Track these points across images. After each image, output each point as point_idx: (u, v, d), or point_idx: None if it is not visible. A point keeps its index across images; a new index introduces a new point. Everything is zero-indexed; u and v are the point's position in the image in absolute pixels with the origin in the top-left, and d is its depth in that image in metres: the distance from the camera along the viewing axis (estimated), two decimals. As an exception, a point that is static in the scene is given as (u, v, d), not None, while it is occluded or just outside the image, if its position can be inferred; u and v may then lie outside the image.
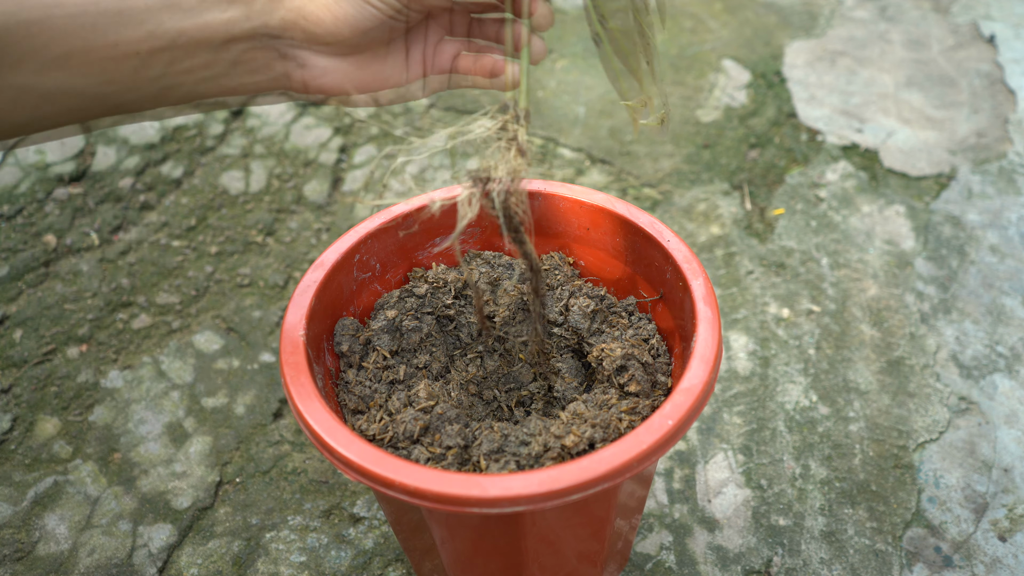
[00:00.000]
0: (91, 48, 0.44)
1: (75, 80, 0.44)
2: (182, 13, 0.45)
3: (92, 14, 0.44)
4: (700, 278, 0.53)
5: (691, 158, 1.08)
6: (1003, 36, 1.28)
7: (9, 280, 0.93)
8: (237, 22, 0.46)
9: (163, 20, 0.45)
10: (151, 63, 0.45)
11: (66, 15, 0.43)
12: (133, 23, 0.44)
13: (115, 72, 0.45)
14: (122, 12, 0.44)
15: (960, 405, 0.79)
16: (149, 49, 0.45)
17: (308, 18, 0.46)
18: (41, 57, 0.43)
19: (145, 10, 0.45)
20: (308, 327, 0.52)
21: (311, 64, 0.48)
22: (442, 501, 0.43)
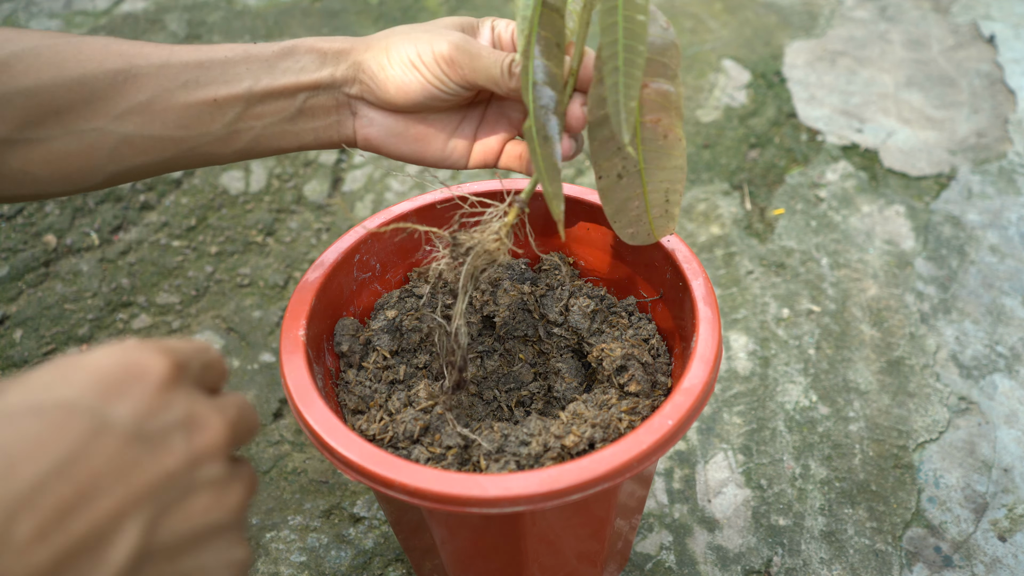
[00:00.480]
0: (171, 96, 0.46)
1: (152, 126, 0.46)
2: (262, 67, 0.49)
3: (175, 66, 0.46)
4: (700, 278, 0.53)
5: (691, 158, 1.08)
6: (1003, 36, 1.28)
7: (9, 280, 0.93)
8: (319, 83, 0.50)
9: (240, 72, 0.48)
10: (226, 110, 0.48)
11: (150, 65, 0.46)
12: (214, 75, 0.47)
13: (190, 118, 0.47)
14: (202, 64, 0.47)
15: (960, 405, 0.79)
16: (226, 96, 0.48)
17: (377, 86, 0.50)
18: (122, 105, 0.45)
19: (224, 62, 0.48)
20: (308, 327, 0.52)
21: (365, 115, 0.51)
22: (442, 501, 0.43)
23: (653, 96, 0.45)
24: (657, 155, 0.47)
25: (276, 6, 1.39)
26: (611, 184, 0.48)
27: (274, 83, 0.49)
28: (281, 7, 1.38)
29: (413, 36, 0.48)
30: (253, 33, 1.32)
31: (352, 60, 0.50)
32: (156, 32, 1.32)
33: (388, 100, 0.50)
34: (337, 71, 0.50)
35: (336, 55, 0.50)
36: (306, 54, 0.49)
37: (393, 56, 0.48)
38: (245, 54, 0.48)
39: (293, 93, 0.49)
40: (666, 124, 0.46)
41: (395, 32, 0.50)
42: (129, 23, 1.35)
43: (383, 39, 0.50)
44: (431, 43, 0.48)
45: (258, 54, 0.48)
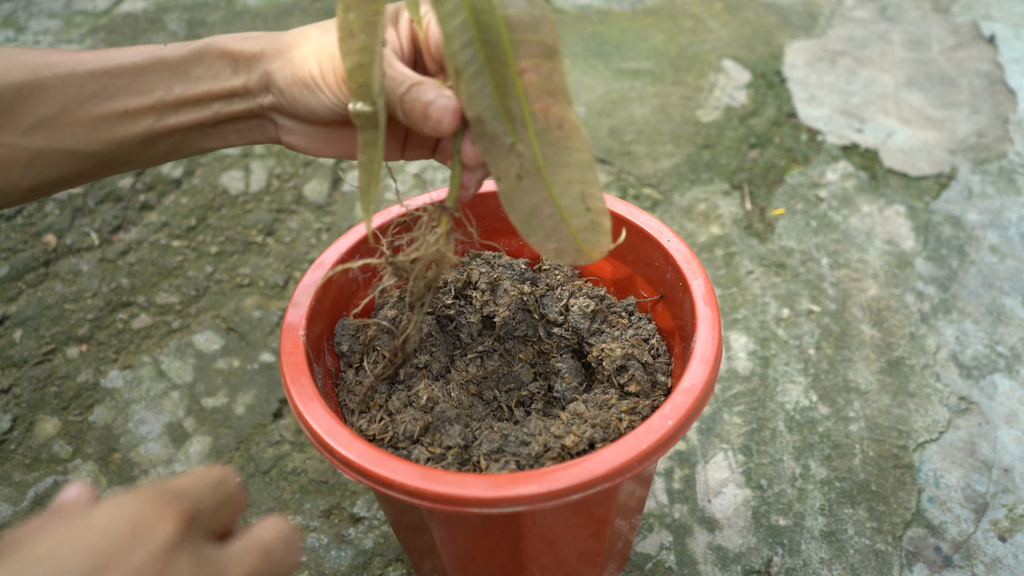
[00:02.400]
0: (80, 108, 0.44)
1: (65, 139, 0.45)
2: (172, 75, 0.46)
3: (81, 76, 0.44)
4: (700, 278, 0.53)
5: (691, 158, 1.08)
6: (1003, 36, 1.28)
7: (9, 280, 0.93)
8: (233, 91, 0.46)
9: (150, 81, 0.45)
10: (138, 121, 0.46)
11: (56, 76, 0.44)
12: (122, 84, 0.45)
13: (101, 130, 0.45)
14: (109, 73, 0.45)
15: (960, 405, 0.79)
16: (137, 108, 0.45)
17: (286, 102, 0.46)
18: (30, 117, 0.43)
19: (133, 70, 0.45)
20: (308, 327, 0.52)
21: (283, 123, 0.48)
22: (442, 501, 0.43)
23: (535, 80, 0.39)
24: (556, 149, 0.41)
25: (276, 6, 1.38)
26: (511, 187, 0.42)
27: (186, 92, 0.46)
28: (281, 7, 1.38)
29: (319, 47, 0.44)
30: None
31: (263, 70, 0.46)
32: (156, 32, 1.32)
33: (299, 116, 0.46)
34: (250, 80, 0.46)
35: (248, 61, 0.46)
36: (218, 59, 0.46)
37: (296, 72, 0.44)
38: (154, 59, 0.45)
39: (207, 102, 0.46)
40: (557, 111, 0.40)
41: (304, 35, 0.45)
42: (129, 23, 1.35)
43: (292, 45, 0.45)
44: (333, 61, 0.43)
45: (169, 59, 0.45)
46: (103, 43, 1.30)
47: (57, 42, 1.30)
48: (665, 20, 1.35)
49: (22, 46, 0.45)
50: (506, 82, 0.39)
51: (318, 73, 0.43)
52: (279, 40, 0.46)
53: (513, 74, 0.39)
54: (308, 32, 0.45)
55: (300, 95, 0.44)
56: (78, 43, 1.30)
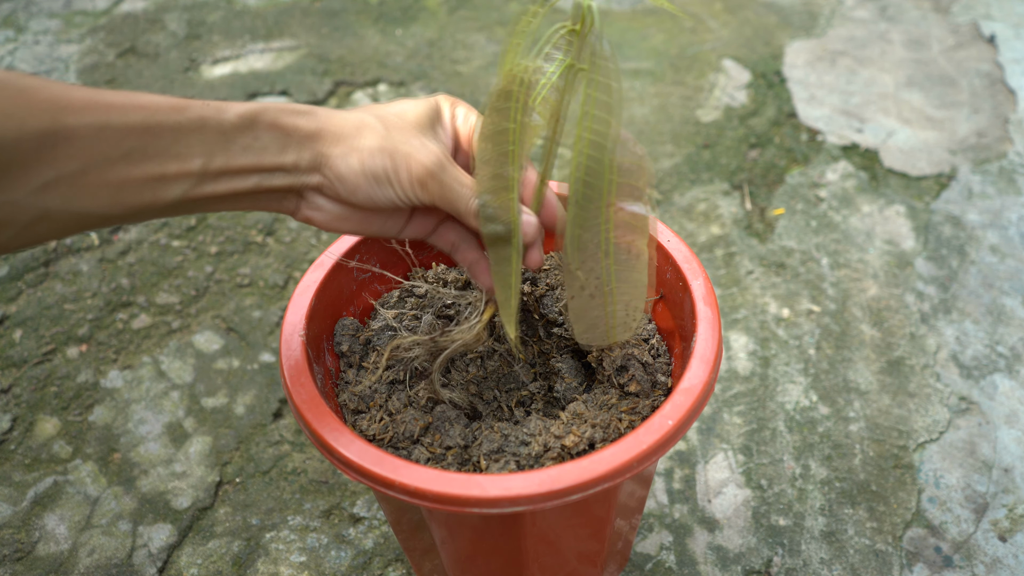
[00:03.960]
0: (109, 169, 0.38)
1: (82, 201, 0.38)
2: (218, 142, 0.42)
3: (116, 130, 0.37)
4: (700, 278, 0.53)
5: (691, 158, 1.08)
6: (1003, 36, 1.28)
7: (9, 280, 0.93)
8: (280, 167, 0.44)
9: (192, 145, 0.40)
10: (172, 187, 0.40)
11: (85, 127, 0.36)
12: (162, 146, 0.39)
13: (128, 194, 0.39)
14: (150, 130, 0.38)
15: (960, 405, 0.79)
16: (176, 174, 0.40)
17: (343, 188, 0.45)
18: (47, 175, 0.36)
19: (176, 131, 0.39)
20: (308, 327, 0.52)
21: (314, 201, 0.47)
22: (442, 501, 0.43)
23: (625, 218, 0.46)
24: (623, 269, 0.47)
25: (276, 6, 1.39)
26: (582, 302, 0.48)
27: (230, 163, 0.42)
28: (281, 7, 1.38)
29: (390, 144, 0.44)
30: (253, 33, 1.32)
31: (318, 151, 0.44)
32: (156, 32, 1.32)
33: (353, 202, 0.46)
34: (301, 159, 0.44)
35: (301, 140, 0.44)
36: (268, 131, 0.43)
37: (367, 165, 0.44)
38: (200, 122, 0.40)
39: (249, 173, 0.43)
40: (636, 244, 0.47)
41: (368, 127, 0.45)
42: (129, 23, 1.35)
43: (355, 134, 0.44)
44: (407, 161, 0.44)
45: (216, 124, 0.41)
46: (103, 43, 1.30)
47: (57, 42, 1.30)
48: (665, 20, 1.35)
49: (37, 76, 0.37)
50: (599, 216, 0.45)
51: (392, 170, 0.44)
52: (337, 124, 0.45)
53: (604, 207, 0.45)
54: (368, 123, 0.45)
55: (366, 186, 0.45)
56: (78, 43, 1.30)
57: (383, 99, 1.19)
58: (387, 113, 0.46)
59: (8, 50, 1.29)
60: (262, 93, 1.19)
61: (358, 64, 1.25)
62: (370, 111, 0.46)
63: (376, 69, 1.24)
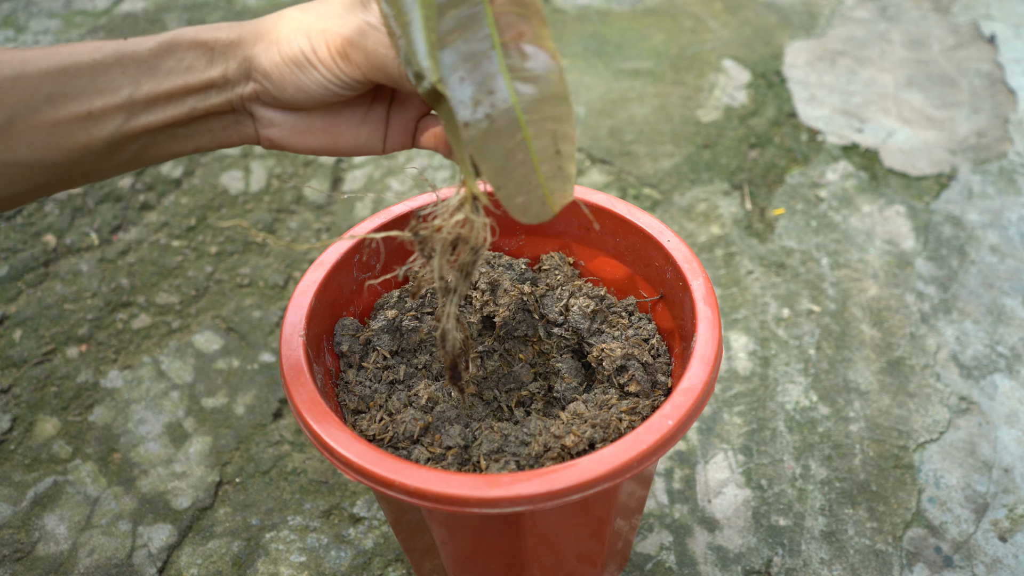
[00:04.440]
0: (35, 113, 0.39)
1: (17, 151, 0.40)
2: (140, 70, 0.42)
3: (32, 76, 0.39)
4: (700, 278, 0.53)
5: (691, 158, 1.08)
6: (1003, 36, 1.28)
7: (9, 280, 0.93)
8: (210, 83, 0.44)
9: (115, 78, 0.41)
10: (104, 123, 0.41)
11: (2, 79, 0.38)
12: (83, 84, 0.40)
13: (61, 137, 0.40)
14: (66, 71, 0.40)
15: (960, 405, 0.79)
16: (103, 108, 0.41)
17: (273, 86, 0.44)
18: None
19: (94, 67, 0.40)
20: (308, 327, 0.52)
21: (263, 116, 0.46)
22: (442, 501, 0.43)
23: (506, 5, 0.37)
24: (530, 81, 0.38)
25: (276, 5, 1.39)
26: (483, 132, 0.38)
27: (158, 88, 0.42)
28: (281, 6, 1.38)
29: (305, 24, 0.42)
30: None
31: (242, 55, 0.43)
32: (156, 31, 1.32)
33: (286, 100, 0.44)
34: (228, 68, 0.43)
35: (225, 49, 0.43)
36: (190, 50, 0.42)
37: (285, 51, 0.42)
38: (117, 54, 0.41)
39: (181, 96, 0.43)
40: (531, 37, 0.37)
41: (286, 17, 0.43)
42: (129, 23, 1.35)
43: (273, 27, 0.43)
44: (324, 36, 0.42)
45: (133, 53, 0.41)
46: (103, 43, 1.30)
47: (57, 41, 1.30)
48: (665, 20, 1.35)
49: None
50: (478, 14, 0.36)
51: (309, 49, 0.42)
52: (257, 25, 0.44)
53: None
54: (287, 14, 0.43)
55: (290, 75, 0.43)
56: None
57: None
58: (312, 1, 0.44)
59: (8, 50, 1.29)
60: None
61: (358, 64, 1.25)
62: (300, 5, 0.44)
63: (376, 69, 1.24)
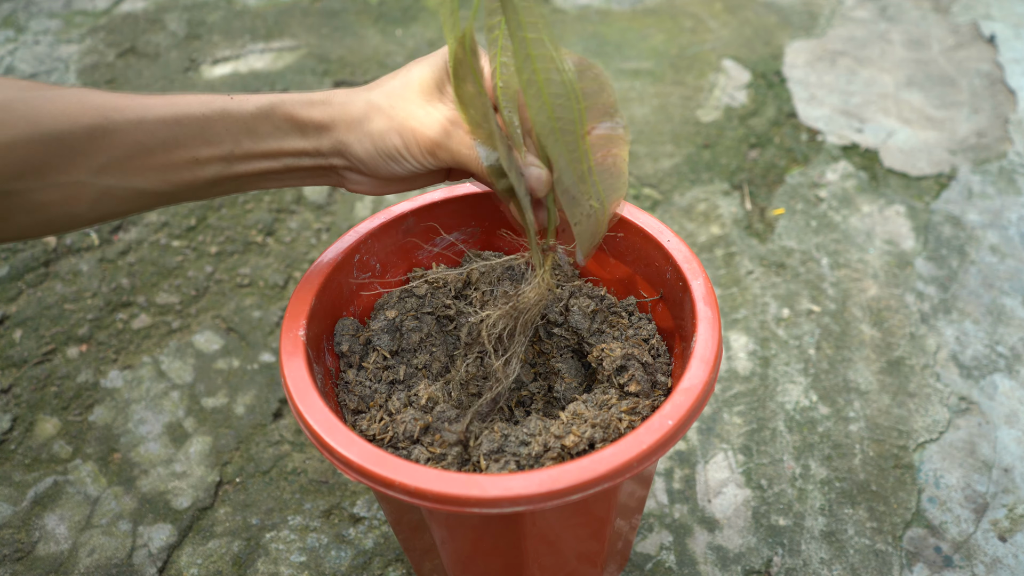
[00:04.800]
0: (150, 154, 0.46)
1: (134, 180, 0.46)
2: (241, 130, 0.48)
3: (151, 122, 0.45)
4: (700, 278, 0.53)
5: (691, 158, 1.08)
6: (1003, 36, 1.28)
7: (9, 280, 0.93)
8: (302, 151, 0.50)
9: (219, 132, 0.47)
10: (208, 167, 0.48)
11: (126, 121, 0.45)
12: (192, 133, 0.47)
13: (171, 173, 0.47)
14: (180, 122, 0.46)
15: (960, 405, 0.79)
16: (207, 157, 0.47)
17: (365, 167, 0.51)
18: (101, 159, 0.45)
19: (202, 120, 0.47)
20: (308, 327, 0.52)
21: (351, 177, 0.52)
22: (442, 501, 0.43)
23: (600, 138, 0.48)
24: (608, 179, 0.49)
25: (276, 6, 1.39)
26: (586, 226, 0.50)
27: (255, 147, 0.49)
28: (281, 7, 1.38)
29: (396, 123, 0.49)
30: (253, 33, 1.32)
31: (335, 139, 0.50)
32: (156, 32, 1.32)
33: (377, 176, 0.51)
34: (321, 145, 0.50)
35: (317, 129, 0.50)
36: (284, 121, 0.49)
37: (379, 146, 0.49)
38: (223, 112, 0.47)
39: (276, 156, 0.49)
40: (615, 153, 0.48)
41: (374, 108, 0.49)
42: (129, 23, 1.35)
43: (364, 119, 0.49)
44: (414, 136, 0.48)
45: (236, 113, 0.48)
46: (103, 43, 1.30)
47: (57, 42, 1.30)
48: (665, 20, 1.35)
49: (92, 88, 0.46)
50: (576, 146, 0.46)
51: (402, 147, 0.49)
52: (346, 111, 0.49)
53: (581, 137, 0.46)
54: (377, 103, 0.49)
55: (383, 164, 0.50)
56: (78, 43, 1.30)
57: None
58: (394, 87, 0.50)
59: (8, 50, 1.29)
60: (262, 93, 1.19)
61: (358, 64, 1.25)
62: (380, 86, 0.50)
63: (376, 69, 1.24)
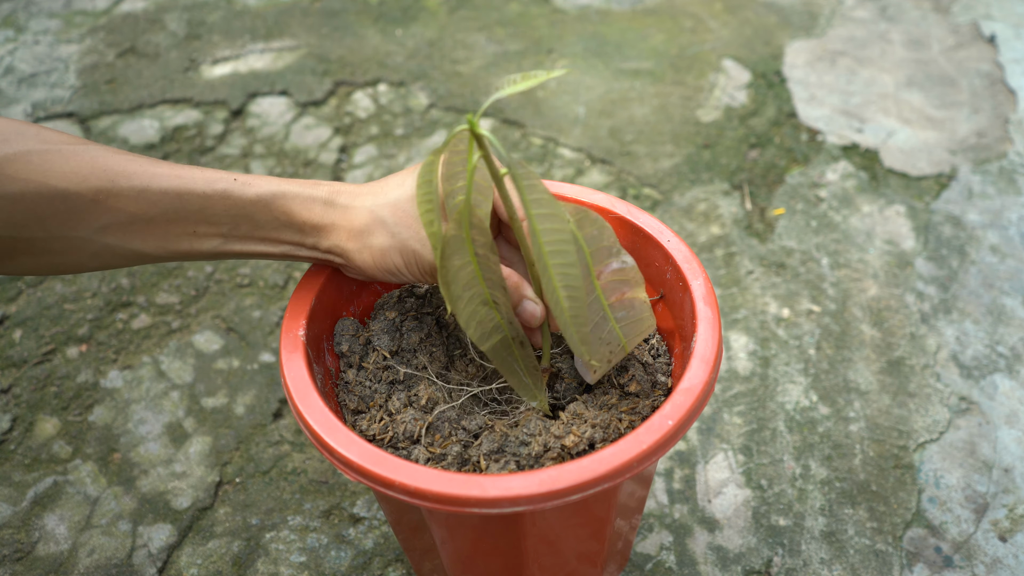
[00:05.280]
0: (151, 223, 0.47)
1: (133, 242, 0.48)
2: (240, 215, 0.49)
3: (154, 193, 0.47)
4: (700, 278, 0.53)
5: (691, 158, 1.08)
6: (1003, 36, 1.28)
7: (9, 280, 0.93)
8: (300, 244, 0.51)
9: (218, 213, 0.49)
10: (206, 241, 0.49)
11: (131, 188, 0.46)
12: (192, 209, 0.48)
13: (170, 241, 0.49)
14: (181, 197, 0.48)
15: (960, 405, 0.79)
16: (205, 232, 0.49)
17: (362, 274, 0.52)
18: (103, 220, 0.46)
19: (204, 199, 0.48)
20: (308, 327, 0.52)
21: (350, 272, 0.54)
22: (442, 501, 0.43)
23: (611, 278, 0.48)
24: (629, 322, 0.50)
25: (276, 6, 1.38)
26: (602, 366, 0.51)
27: (253, 233, 0.50)
28: (281, 7, 1.38)
29: (398, 243, 0.50)
30: (253, 33, 1.32)
31: (334, 242, 0.51)
32: (156, 32, 1.32)
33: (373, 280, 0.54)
34: (319, 243, 0.51)
35: (315, 230, 0.51)
36: (282, 215, 0.50)
37: (379, 262, 0.50)
38: (224, 195, 0.48)
39: (274, 243, 0.51)
40: (631, 295, 0.49)
41: (378, 224, 0.50)
42: (128, 23, 1.35)
43: (365, 231, 0.50)
44: (415, 258, 0.50)
45: (238, 198, 0.49)
46: (103, 43, 1.30)
47: (57, 42, 1.30)
48: (665, 20, 1.35)
49: (102, 146, 0.47)
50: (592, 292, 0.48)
51: (403, 266, 0.51)
52: (349, 217, 0.50)
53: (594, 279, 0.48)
54: (381, 217, 0.50)
55: (382, 276, 0.52)
56: (78, 43, 1.30)
57: (383, 99, 1.19)
58: (399, 200, 0.50)
59: (8, 50, 1.29)
60: (262, 93, 1.19)
61: (358, 64, 1.25)
62: (384, 194, 0.51)
63: (376, 69, 1.24)
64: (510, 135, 1.12)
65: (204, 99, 1.18)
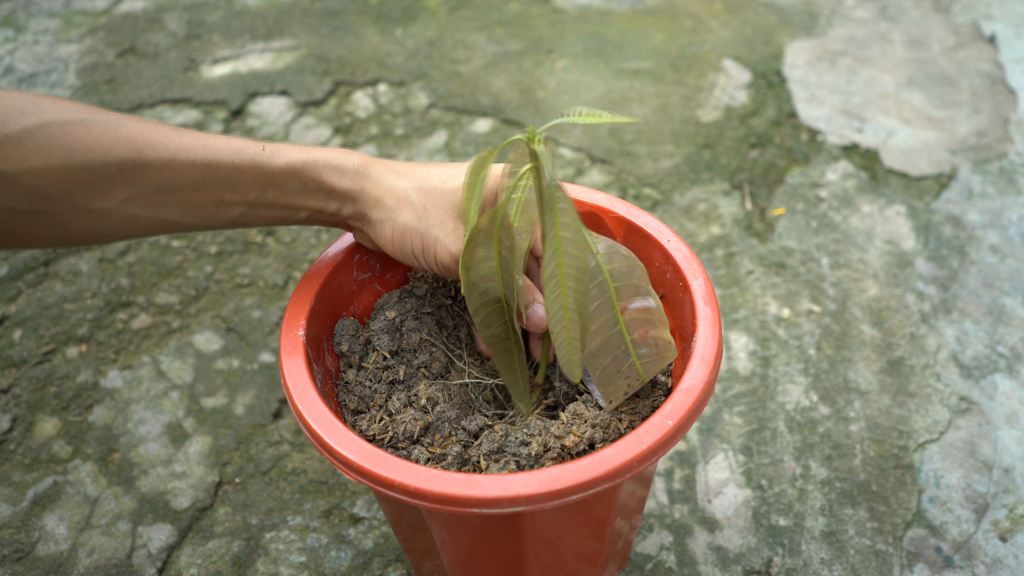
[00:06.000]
0: (177, 192, 0.47)
1: (159, 211, 0.48)
2: (268, 182, 0.49)
3: (181, 164, 0.47)
4: (700, 278, 0.53)
5: (691, 158, 1.08)
6: (1004, 36, 1.28)
7: (9, 280, 0.93)
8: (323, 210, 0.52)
9: (246, 181, 0.49)
10: (231, 209, 0.49)
11: (158, 159, 0.46)
12: (219, 179, 0.48)
13: (195, 210, 0.48)
14: (209, 167, 0.47)
15: (960, 405, 0.79)
16: (231, 200, 0.49)
17: (382, 247, 0.53)
18: (129, 191, 0.46)
19: (231, 169, 0.48)
20: (308, 327, 0.52)
21: (370, 240, 0.54)
22: (442, 501, 0.43)
23: (635, 315, 0.49)
24: (653, 360, 0.50)
25: (276, 6, 1.38)
26: (623, 399, 0.51)
27: (278, 199, 0.50)
28: (281, 7, 1.38)
29: (421, 226, 0.51)
30: (253, 33, 1.32)
31: (359, 209, 0.52)
32: (156, 31, 1.32)
33: (383, 251, 0.54)
34: (344, 209, 0.52)
35: (343, 195, 0.51)
36: (312, 182, 0.50)
37: (398, 243, 0.52)
38: (253, 164, 0.48)
39: (298, 209, 0.51)
40: (654, 334, 0.49)
41: (404, 204, 0.51)
42: (128, 23, 1.35)
43: (395, 208, 0.51)
44: (435, 246, 0.51)
45: (266, 166, 0.49)
46: (102, 43, 1.30)
47: (57, 42, 1.30)
48: (665, 20, 1.35)
49: (124, 115, 0.47)
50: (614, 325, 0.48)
51: (420, 251, 0.52)
52: (380, 188, 0.51)
53: (617, 313, 0.48)
54: (411, 199, 0.51)
55: (400, 255, 0.52)
56: (77, 43, 1.30)
57: (383, 99, 1.19)
58: (433, 185, 0.52)
59: (8, 50, 1.29)
60: (262, 93, 1.19)
61: (358, 64, 1.25)
62: (418, 176, 0.52)
63: (376, 69, 1.24)
64: (510, 135, 1.12)
65: (204, 99, 1.18)
